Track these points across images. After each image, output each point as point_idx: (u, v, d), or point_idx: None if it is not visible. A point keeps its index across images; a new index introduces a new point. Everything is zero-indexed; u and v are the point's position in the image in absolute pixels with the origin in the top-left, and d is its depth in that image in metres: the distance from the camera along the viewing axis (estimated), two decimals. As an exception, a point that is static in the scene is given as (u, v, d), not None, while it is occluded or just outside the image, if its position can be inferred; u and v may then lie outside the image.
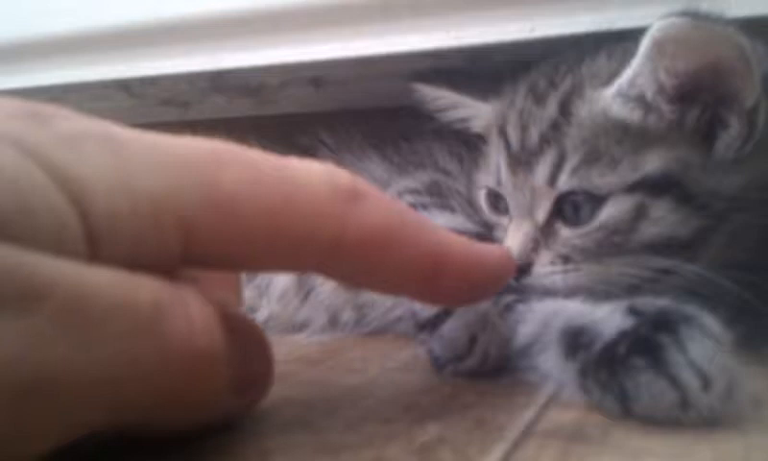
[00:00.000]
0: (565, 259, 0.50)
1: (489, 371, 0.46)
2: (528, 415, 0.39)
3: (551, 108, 0.52)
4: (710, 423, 0.35)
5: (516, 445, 0.34)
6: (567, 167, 0.49)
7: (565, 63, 0.55)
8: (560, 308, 0.47)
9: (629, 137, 0.48)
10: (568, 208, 0.50)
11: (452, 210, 0.60)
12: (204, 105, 0.86)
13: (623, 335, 0.38)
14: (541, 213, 0.51)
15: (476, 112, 0.62)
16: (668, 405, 0.35)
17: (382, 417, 0.38)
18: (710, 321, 0.38)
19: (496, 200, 0.57)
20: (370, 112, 0.83)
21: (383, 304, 0.61)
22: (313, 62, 0.71)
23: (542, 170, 0.51)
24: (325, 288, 0.64)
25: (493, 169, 0.56)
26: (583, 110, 0.50)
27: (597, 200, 0.48)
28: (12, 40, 0.80)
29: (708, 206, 0.47)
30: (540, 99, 0.54)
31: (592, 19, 0.56)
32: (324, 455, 0.32)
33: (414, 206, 0.59)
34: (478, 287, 0.39)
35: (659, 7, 0.48)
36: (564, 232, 0.50)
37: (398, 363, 0.52)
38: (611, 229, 0.48)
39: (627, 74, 0.48)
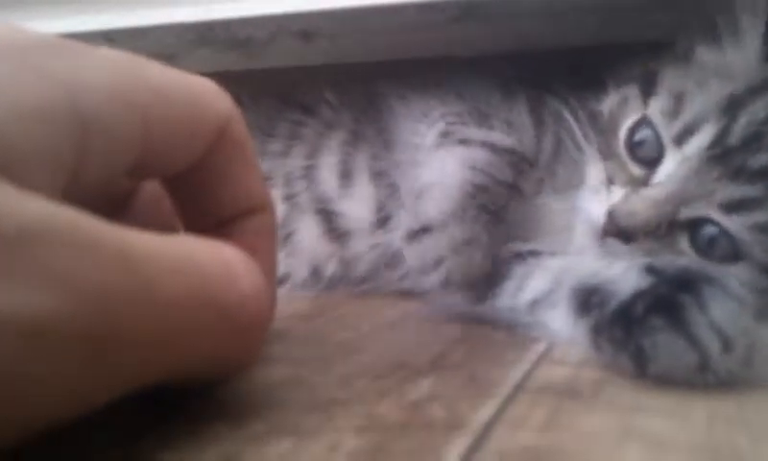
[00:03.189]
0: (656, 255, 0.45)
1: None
2: (519, 372, 0.39)
3: None
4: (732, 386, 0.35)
5: (508, 401, 0.34)
6: (754, 217, 0.44)
7: None
8: (572, 265, 0.47)
9: None
10: (708, 234, 0.45)
11: (490, 127, 0.59)
12: (191, 58, 0.84)
13: (640, 295, 0.38)
14: (687, 214, 0.46)
15: None
16: (686, 367, 0.35)
17: (374, 373, 0.38)
18: (734, 282, 0.37)
19: (644, 139, 0.49)
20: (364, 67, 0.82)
21: (371, 258, 0.60)
22: (303, 13, 0.69)
23: (734, 193, 0.44)
24: (308, 236, 0.63)
25: (682, 118, 0.47)
26: None
27: (737, 255, 0.45)
28: (-11, -11, 0.78)
29: None
30: None
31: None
32: (316, 412, 0.32)
33: (453, 123, 0.59)
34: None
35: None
36: (684, 245, 0.46)
37: (389, 320, 0.52)
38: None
39: None
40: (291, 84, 0.78)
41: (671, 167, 0.46)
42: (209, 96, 0.36)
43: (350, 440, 0.29)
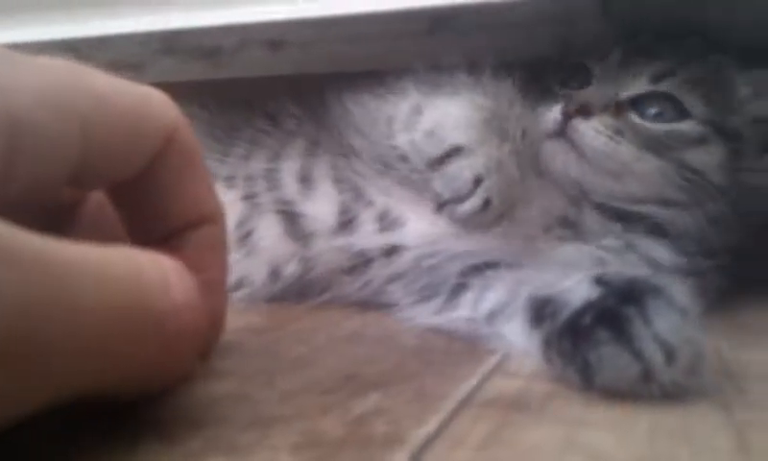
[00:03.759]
0: (617, 131, 0.54)
1: (488, 220, 0.47)
2: (470, 385, 0.38)
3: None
4: (675, 396, 0.35)
5: (453, 416, 0.33)
6: (677, 79, 0.55)
7: None
8: (528, 277, 0.46)
9: (732, 98, 0.56)
10: (652, 106, 0.55)
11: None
12: (157, 68, 0.84)
13: (589, 306, 0.38)
14: (627, 93, 0.55)
15: None
16: (631, 378, 0.35)
17: (321, 388, 0.37)
18: (678, 292, 0.37)
19: (573, 77, 0.60)
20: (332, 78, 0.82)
21: (333, 260, 0.60)
22: (271, 22, 0.69)
23: (653, 69, 0.55)
24: (269, 235, 0.62)
25: (598, 50, 0.59)
26: (715, 57, 0.57)
27: (681, 114, 0.54)
28: (-49, -2, 0.77)
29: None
30: None
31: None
32: (255, 429, 0.31)
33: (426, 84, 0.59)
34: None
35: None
36: (635, 118, 0.55)
37: (347, 331, 0.51)
38: (672, 134, 0.54)
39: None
40: (258, 94, 0.78)
41: (598, 72, 0.58)
42: (154, 104, 0.35)
43: (285, 457, 0.28)
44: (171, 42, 0.77)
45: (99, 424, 0.30)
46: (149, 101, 0.35)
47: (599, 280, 0.39)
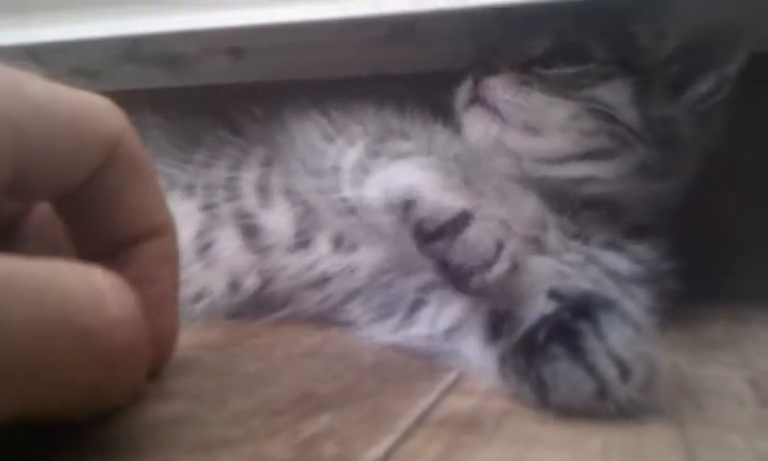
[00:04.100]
0: (526, 83, 0.55)
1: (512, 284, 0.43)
2: (425, 403, 0.38)
3: None
4: (629, 413, 0.34)
5: (406, 436, 0.33)
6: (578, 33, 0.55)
7: None
8: None
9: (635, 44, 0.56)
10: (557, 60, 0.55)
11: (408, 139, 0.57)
12: (117, 75, 0.82)
13: (544, 321, 0.37)
14: (533, 53, 0.56)
15: None
16: (586, 395, 0.34)
17: (274, 408, 0.37)
18: (632, 307, 0.37)
19: None
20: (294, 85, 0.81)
21: (293, 275, 0.59)
22: (233, 29, 0.67)
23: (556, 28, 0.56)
24: (227, 247, 0.61)
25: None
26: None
27: (585, 59, 0.55)
28: None
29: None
30: None
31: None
32: (200, 452, 0.30)
33: (374, 141, 0.56)
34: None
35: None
36: (542, 70, 0.55)
37: (305, 348, 0.50)
38: (580, 77, 0.54)
39: None
40: (220, 102, 0.76)
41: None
42: (97, 111, 0.34)
43: (230, 484, 0.27)
44: (132, 49, 0.76)
45: (41, 452, 0.29)
46: (91, 108, 0.34)
47: (554, 294, 0.39)
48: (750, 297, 0.66)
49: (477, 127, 0.56)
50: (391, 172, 0.50)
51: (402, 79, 0.79)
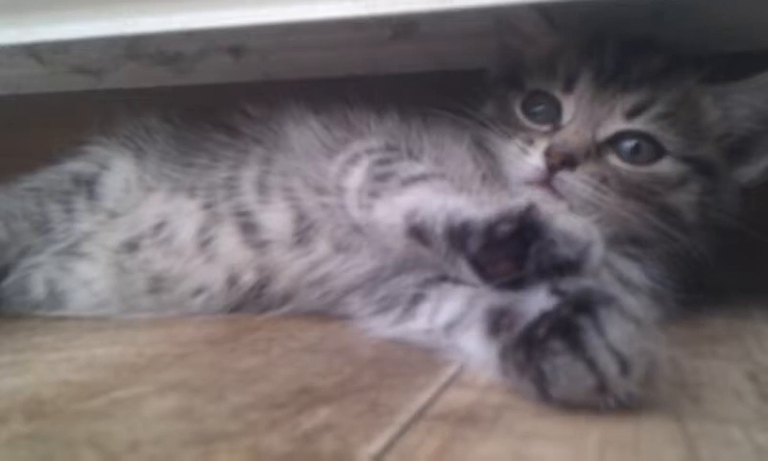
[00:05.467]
0: (602, 180, 0.54)
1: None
2: (424, 397, 0.37)
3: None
4: (629, 407, 0.34)
5: (404, 430, 0.33)
6: (652, 112, 0.55)
7: None
8: (485, 290, 0.46)
9: (702, 124, 0.57)
10: (628, 145, 0.55)
11: (417, 159, 0.57)
12: (119, 73, 0.82)
13: (544, 316, 0.37)
14: (604, 133, 0.55)
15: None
16: (586, 390, 0.34)
17: (272, 402, 0.37)
18: (632, 302, 0.37)
19: (539, 107, 0.59)
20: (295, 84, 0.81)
21: (293, 273, 0.59)
22: (233, 28, 0.67)
23: (626, 104, 0.55)
24: (227, 243, 0.62)
25: (562, 76, 0.58)
26: (691, 81, 0.57)
27: (658, 152, 0.55)
28: None
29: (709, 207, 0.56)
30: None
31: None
32: (198, 446, 0.30)
33: (380, 162, 0.56)
34: None
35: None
36: (616, 161, 0.55)
37: (304, 343, 0.50)
38: (655, 179, 0.55)
39: (736, 87, 0.57)
40: (221, 101, 0.76)
41: (571, 108, 0.56)
42: None
43: (228, 476, 0.27)
44: (133, 48, 0.76)
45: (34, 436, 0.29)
46: None
47: (555, 290, 0.38)
48: (752, 292, 0.66)
49: (544, 209, 0.48)
50: (406, 198, 0.50)
51: (405, 78, 0.79)
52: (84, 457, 0.29)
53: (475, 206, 0.46)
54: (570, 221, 0.42)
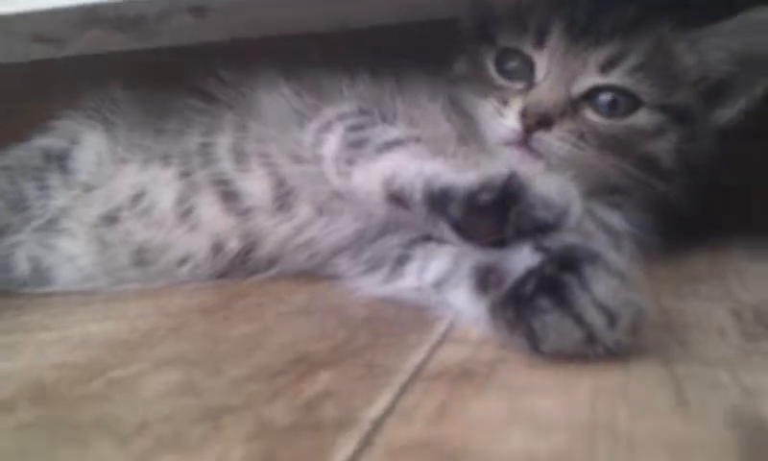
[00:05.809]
0: (580, 136, 0.54)
1: None
2: (418, 356, 0.38)
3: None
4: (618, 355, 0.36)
5: (403, 391, 0.34)
6: (627, 64, 0.54)
7: None
8: (469, 248, 0.46)
9: (677, 70, 0.56)
10: (605, 99, 0.55)
11: (391, 123, 0.57)
12: (82, 40, 0.80)
13: (530, 274, 0.38)
14: (579, 89, 0.55)
15: None
16: (575, 343, 0.36)
17: (271, 371, 0.37)
18: (615, 257, 0.38)
19: (512, 64, 0.58)
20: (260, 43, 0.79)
21: (278, 238, 0.59)
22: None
23: (600, 57, 0.55)
24: (208, 211, 0.62)
25: (533, 30, 0.57)
26: (664, 28, 0.56)
27: (635, 103, 0.55)
28: None
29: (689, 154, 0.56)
30: None
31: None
32: (204, 421, 0.31)
33: (353, 128, 0.56)
34: None
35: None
36: (592, 116, 0.55)
37: (294, 306, 0.51)
38: (632, 131, 0.55)
39: (711, 31, 0.56)
40: (187, 64, 0.75)
41: (544, 64, 0.56)
42: None
43: (238, 450, 0.28)
44: (92, 13, 0.74)
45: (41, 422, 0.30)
46: None
47: (538, 247, 0.39)
48: (732, 232, 0.68)
49: (515, 163, 0.49)
50: (383, 164, 0.50)
51: (365, 33, 0.78)
52: (94, 442, 0.30)
53: (453, 171, 0.46)
54: (547, 183, 0.43)
